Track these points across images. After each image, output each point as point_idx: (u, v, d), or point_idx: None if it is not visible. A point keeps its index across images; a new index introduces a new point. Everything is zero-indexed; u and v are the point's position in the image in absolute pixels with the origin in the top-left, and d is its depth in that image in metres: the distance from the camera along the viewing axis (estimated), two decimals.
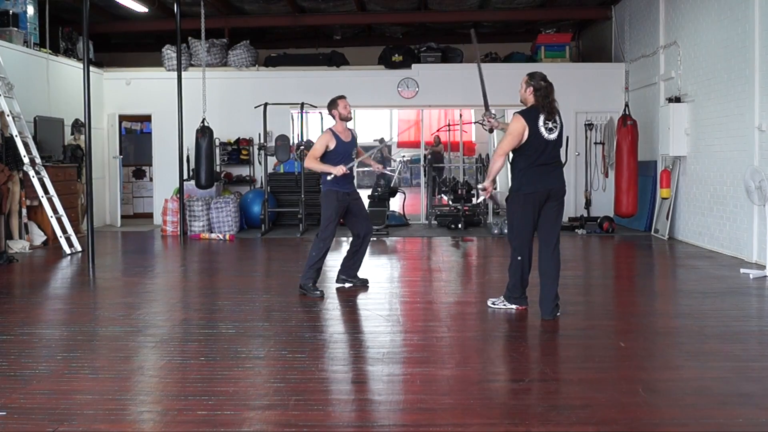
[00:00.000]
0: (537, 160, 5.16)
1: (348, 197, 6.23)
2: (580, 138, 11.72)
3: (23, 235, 9.25)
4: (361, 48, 14.44)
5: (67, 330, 5.05)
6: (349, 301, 5.94)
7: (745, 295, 6.08)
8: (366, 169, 16.48)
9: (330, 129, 6.29)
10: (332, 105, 6.31)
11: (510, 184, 5.40)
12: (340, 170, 6.01)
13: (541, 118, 5.14)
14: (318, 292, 6.02)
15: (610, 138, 11.36)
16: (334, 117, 6.32)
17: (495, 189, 12.04)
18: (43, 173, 9.13)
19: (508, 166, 5.54)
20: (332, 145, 6.16)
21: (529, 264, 5.32)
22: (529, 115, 5.15)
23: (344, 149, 6.22)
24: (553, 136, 5.18)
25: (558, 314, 5.15)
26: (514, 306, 5.37)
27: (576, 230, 10.78)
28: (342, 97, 6.33)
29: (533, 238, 5.30)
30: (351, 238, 6.49)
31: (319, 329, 5.03)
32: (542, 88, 5.16)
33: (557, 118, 5.23)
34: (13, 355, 4.31)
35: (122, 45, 15.05)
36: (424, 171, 12.97)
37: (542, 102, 5.15)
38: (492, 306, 5.48)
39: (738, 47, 7.97)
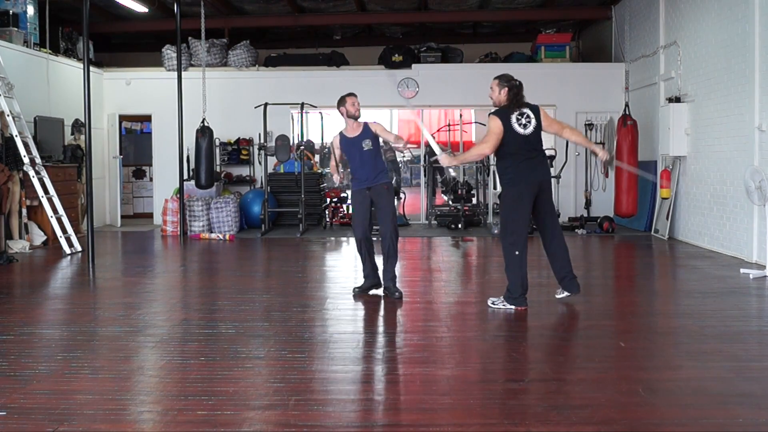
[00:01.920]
0: (522, 155, 5.36)
1: (369, 192, 6.03)
2: None
3: (23, 235, 9.25)
4: (361, 48, 14.44)
5: (67, 330, 5.05)
6: (349, 301, 5.94)
7: (745, 295, 6.08)
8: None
9: (338, 134, 6.20)
10: (340, 103, 6.16)
11: (501, 183, 5.56)
12: (336, 178, 6.20)
13: (514, 115, 5.38)
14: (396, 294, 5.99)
15: (610, 138, 11.35)
16: (342, 115, 6.18)
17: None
18: (43, 173, 9.13)
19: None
20: (338, 151, 6.16)
21: (526, 261, 5.39)
22: (503, 114, 5.40)
23: (352, 144, 6.05)
24: (529, 130, 5.37)
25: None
26: (513, 306, 5.38)
27: (576, 230, 10.77)
28: (351, 94, 6.18)
29: (528, 233, 5.50)
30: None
31: (319, 329, 5.03)
32: (515, 87, 5.42)
33: (529, 113, 5.41)
34: (13, 355, 4.31)
35: (122, 45, 15.06)
36: (424, 171, 12.96)
37: (514, 100, 5.40)
38: (492, 306, 5.48)
39: (738, 47, 7.97)
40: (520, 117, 5.35)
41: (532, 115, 5.39)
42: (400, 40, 14.35)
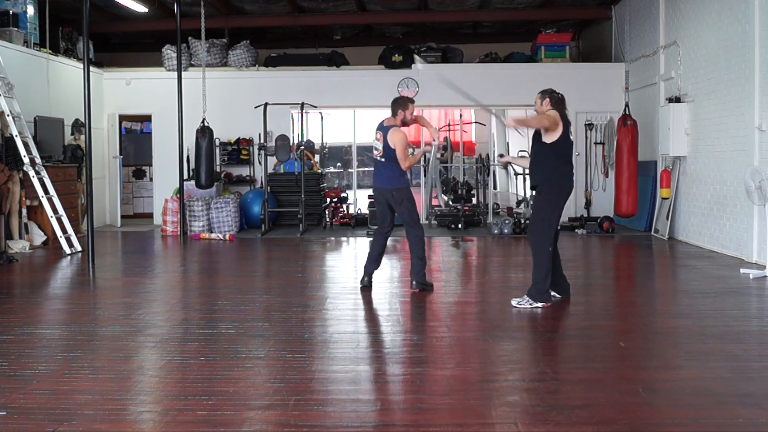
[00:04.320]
0: (568, 160, 5.59)
1: None
2: (580, 138, 11.70)
3: (23, 235, 9.25)
4: (361, 48, 14.44)
5: (67, 330, 5.05)
6: (349, 301, 5.94)
7: (745, 295, 6.08)
8: (368, 169, 16.46)
9: (400, 128, 6.21)
10: (403, 105, 6.16)
11: (543, 179, 5.58)
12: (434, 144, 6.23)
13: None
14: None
15: (610, 138, 11.36)
16: (397, 116, 6.16)
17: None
18: (43, 173, 9.13)
19: (514, 168, 5.74)
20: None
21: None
22: (564, 117, 5.56)
23: None
24: (572, 139, 5.67)
25: None
26: (540, 304, 5.39)
27: (576, 230, 10.78)
28: (413, 101, 6.26)
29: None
30: (378, 237, 6.37)
31: (319, 329, 5.03)
32: (554, 98, 5.55)
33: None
34: (13, 355, 4.31)
35: (122, 45, 15.05)
36: (424, 171, 12.96)
37: (562, 110, 5.54)
38: (517, 306, 5.46)
39: (738, 47, 7.97)
40: (569, 125, 5.57)
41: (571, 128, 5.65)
42: (400, 40, 14.35)
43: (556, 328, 5.01)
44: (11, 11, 10.05)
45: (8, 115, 8.79)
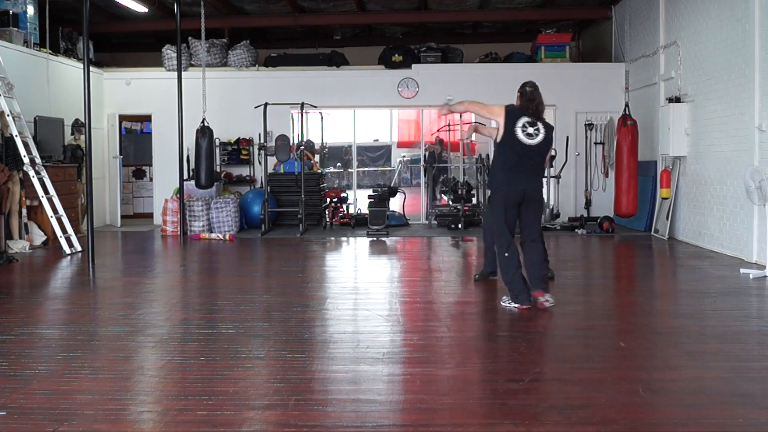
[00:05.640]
0: (513, 166, 5.38)
1: None
2: (580, 138, 11.72)
3: (23, 235, 9.25)
4: (361, 48, 14.45)
5: (67, 330, 5.05)
6: (349, 301, 5.94)
7: (745, 295, 6.08)
8: (368, 169, 16.45)
9: None
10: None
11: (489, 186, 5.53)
12: None
13: (522, 120, 5.35)
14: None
15: (610, 138, 11.36)
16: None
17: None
18: (43, 173, 9.13)
19: None
20: None
21: (518, 261, 5.46)
22: (512, 112, 5.39)
23: None
24: (534, 141, 5.35)
25: (551, 276, 5.71)
26: (516, 305, 5.39)
27: (576, 230, 10.77)
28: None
29: (513, 237, 5.51)
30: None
31: (319, 329, 5.03)
32: (527, 93, 5.40)
33: (541, 125, 5.40)
34: (13, 355, 4.31)
35: (122, 45, 15.06)
36: (424, 171, 12.97)
37: (526, 104, 5.39)
38: (501, 303, 5.54)
39: (738, 47, 7.97)
40: (527, 125, 5.35)
41: (542, 130, 5.38)
42: (400, 40, 14.36)
43: (556, 328, 5.01)
44: (11, 11, 10.06)
45: (8, 115, 8.79)
